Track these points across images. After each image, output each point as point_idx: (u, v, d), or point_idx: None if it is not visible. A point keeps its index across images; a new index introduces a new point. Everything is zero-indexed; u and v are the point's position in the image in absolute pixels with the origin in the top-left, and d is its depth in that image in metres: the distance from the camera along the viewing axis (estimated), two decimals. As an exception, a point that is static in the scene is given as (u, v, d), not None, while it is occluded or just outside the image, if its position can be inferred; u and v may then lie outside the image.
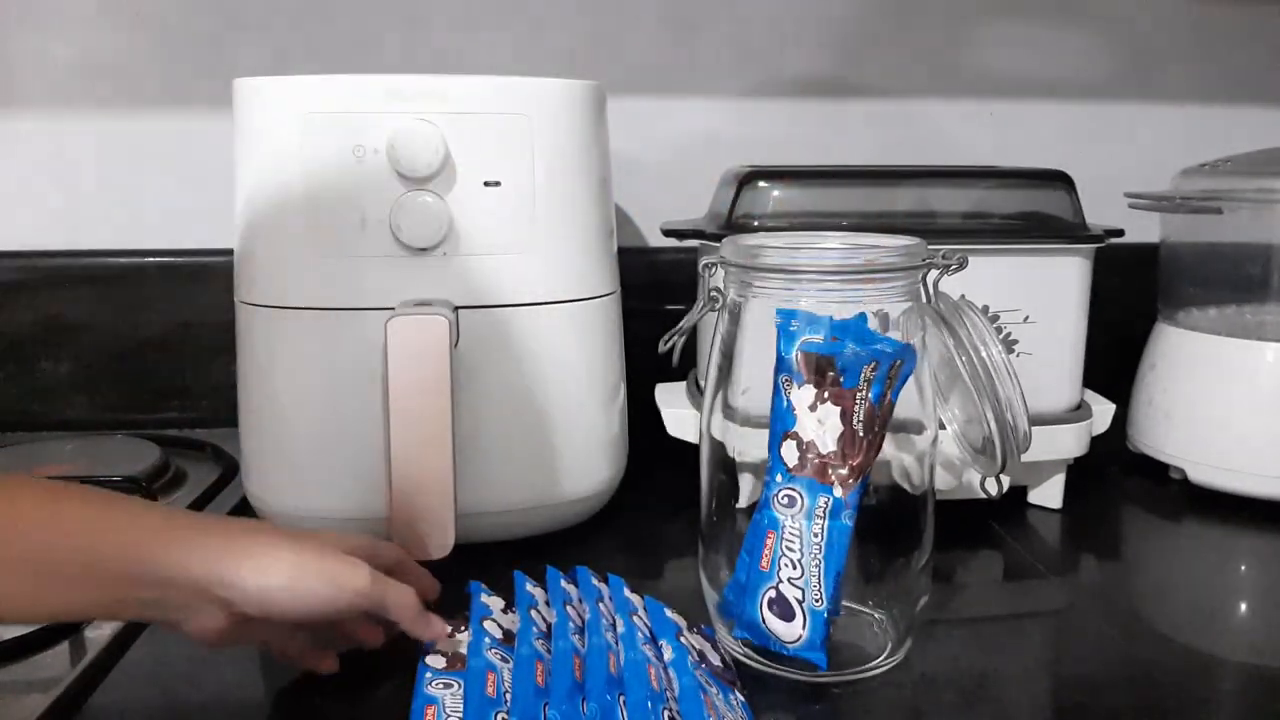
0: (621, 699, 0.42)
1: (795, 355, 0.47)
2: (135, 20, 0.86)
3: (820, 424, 0.47)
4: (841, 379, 0.47)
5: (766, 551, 0.48)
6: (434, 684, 0.45)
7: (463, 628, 0.50)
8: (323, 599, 0.43)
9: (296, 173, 0.59)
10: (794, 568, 0.48)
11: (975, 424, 0.58)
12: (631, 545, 0.66)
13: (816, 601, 0.47)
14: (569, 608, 0.50)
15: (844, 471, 0.47)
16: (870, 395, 0.47)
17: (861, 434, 0.47)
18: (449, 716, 0.43)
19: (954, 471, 0.63)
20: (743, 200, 0.69)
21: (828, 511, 0.47)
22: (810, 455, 0.47)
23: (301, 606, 0.43)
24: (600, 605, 0.50)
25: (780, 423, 0.48)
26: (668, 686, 0.44)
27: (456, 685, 0.45)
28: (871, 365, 0.47)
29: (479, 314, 0.60)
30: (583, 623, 0.49)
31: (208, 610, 0.43)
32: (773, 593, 0.48)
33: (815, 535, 0.47)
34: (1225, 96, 0.96)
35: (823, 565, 0.47)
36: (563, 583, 0.53)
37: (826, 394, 0.47)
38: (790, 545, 0.48)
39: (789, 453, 0.48)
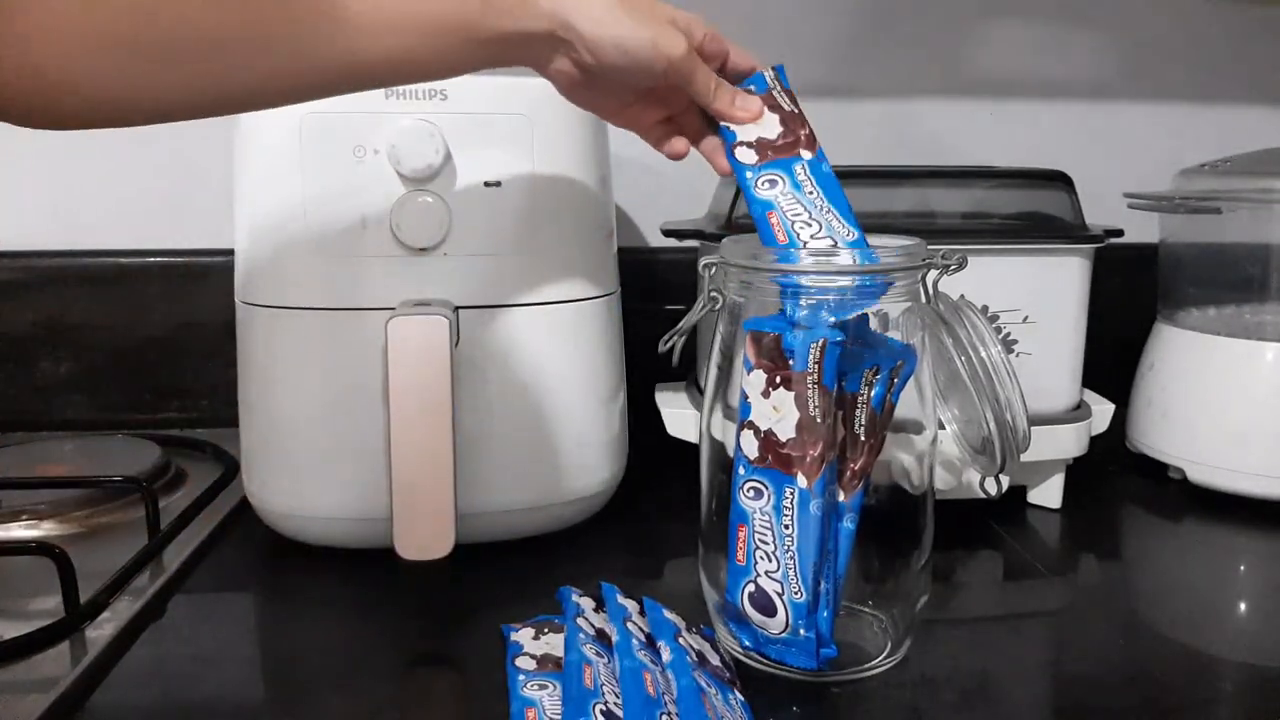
0: (596, 708, 0.42)
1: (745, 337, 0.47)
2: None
3: (775, 411, 0.46)
4: (791, 361, 0.45)
5: (740, 545, 0.48)
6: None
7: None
8: (642, 60, 0.48)
9: (296, 173, 0.59)
10: (770, 560, 0.47)
11: (974, 424, 0.58)
12: (631, 545, 0.66)
13: (796, 594, 0.47)
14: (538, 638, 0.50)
15: (807, 461, 0.46)
16: (872, 399, 0.47)
17: (863, 438, 0.47)
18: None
19: (954, 471, 0.63)
20: (743, 200, 0.69)
21: (795, 503, 0.46)
22: (770, 445, 0.46)
23: (625, 61, 0.48)
24: (580, 620, 0.50)
25: (741, 413, 0.48)
26: (666, 689, 0.44)
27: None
28: (873, 370, 0.46)
29: (479, 314, 0.61)
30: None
31: (559, 57, 0.49)
32: (752, 586, 0.48)
33: (786, 528, 0.46)
34: (1225, 96, 0.96)
35: (797, 559, 0.46)
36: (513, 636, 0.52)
37: (778, 379, 0.46)
38: (763, 538, 0.47)
39: (748, 444, 0.47)
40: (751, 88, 0.53)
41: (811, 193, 0.50)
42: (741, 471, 0.48)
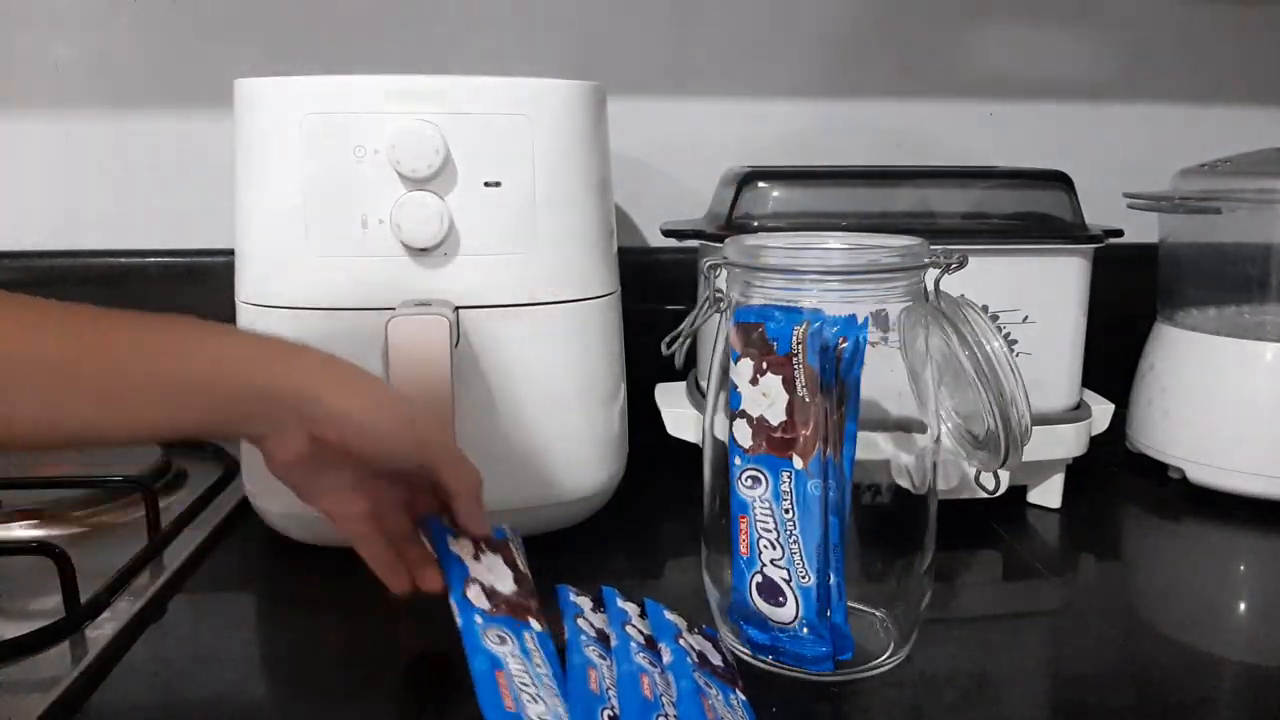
0: (604, 713, 0.42)
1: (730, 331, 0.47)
2: (136, 21, 0.86)
3: (765, 396, 0.46)
4: (775, 346, 0.46)
5: (743, 536, 0.48)
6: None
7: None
8: (392, 438, 0.46)
9: (296, 173, 0.59)
10: (774, 549, 0.47)
11: (975, 418, 0.57)
12: (631, 545, 0.66)
13: (804, 579, 0.47)
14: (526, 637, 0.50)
15: (801, 442, 0.46)
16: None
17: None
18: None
19: (954, 471, 0.63)
20: (743, 200, 0.69)
21: (793, 486, 0.46)
22: (763, 431, 0.47)
23: (372, 440, 0.45)
24: (580, 621, 0.50)
25: (732, 404, 0.48)
26: (665, 691, 0.44)
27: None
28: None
29: (479, 314, 0.60)
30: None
31: (292, 431, 0.44)
32: (759, 578, 0.48)
33: (786, 512, 0.47)
34: (1225, 96, 0.96)
35: (800, 542, 0.47)
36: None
37: (765, 364, 0.46)
38: (765, 526, 0.47)
39: (741, 433, 0.48)
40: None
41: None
42: (738, 462, 0.48)
